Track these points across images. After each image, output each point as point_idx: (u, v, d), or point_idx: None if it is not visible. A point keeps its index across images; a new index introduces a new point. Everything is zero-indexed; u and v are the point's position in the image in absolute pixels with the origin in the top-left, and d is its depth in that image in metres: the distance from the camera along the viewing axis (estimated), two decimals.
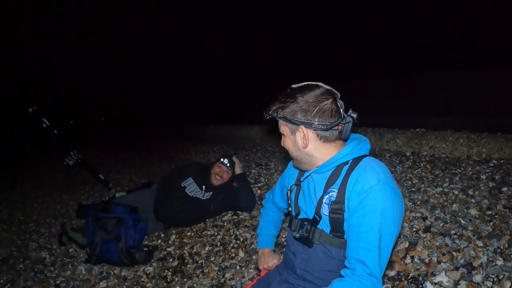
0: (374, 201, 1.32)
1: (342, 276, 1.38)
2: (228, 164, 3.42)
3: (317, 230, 1.51)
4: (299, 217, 1.62)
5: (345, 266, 1.39)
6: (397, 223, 1.36)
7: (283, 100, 1.47)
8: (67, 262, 3.35)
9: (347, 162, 1.47)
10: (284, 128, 1.50)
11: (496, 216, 2.38)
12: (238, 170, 3.45)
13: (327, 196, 1.48)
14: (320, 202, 1.50)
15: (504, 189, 2.72)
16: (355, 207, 1.36)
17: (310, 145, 1.48)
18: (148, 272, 2.89)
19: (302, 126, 1.44)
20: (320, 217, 1.50)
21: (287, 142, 1.53)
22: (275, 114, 1.48)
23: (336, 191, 1.44)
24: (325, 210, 1.48)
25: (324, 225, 1.50)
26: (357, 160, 1.46)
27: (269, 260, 1.93)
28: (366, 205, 1.33)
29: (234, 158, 3.53)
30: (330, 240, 1.48)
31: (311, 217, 1.55)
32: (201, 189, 3.39)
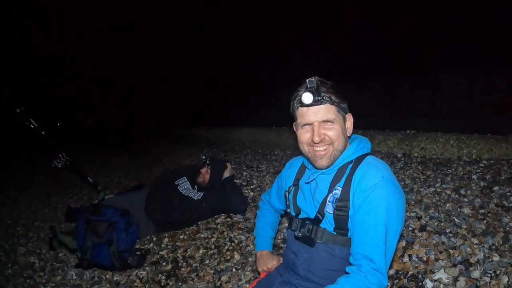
0: (379, 197, 1.34)
1: (347, 273, 1.38)
2: (207, 162, 3.45)
3: (319, 229, 1.51)
4: (300, 216, 1.62)
5: (350, 263, 1.39)
6: (401, 218, 1.37)
7: (329, 86, 1.45)
8: (57, 267, 3.28)
9: (351, 161, 1.48)
10: (337, 114, 1.46)
11: (489, 215, 2.41)
12: (226, 174, 3.44)
13: (331, 195, 1.48)
14: (324, 200, 1.49)
15: (496, 188, 2.77)
16: (360, 203, 1.37)
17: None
18: (141, 277, 2.84)
19: (350, 114, 1.52)
20: (323, 216, 1.50)
21: (336, 129, 1.45)
22: (329, 98, 1.42)
23: (340, 189, 1.45)
24: (329, 208, 1.48)
25: (327, 224, 1.50)
26: (360, 159, 1.48)
27: (268, 262, 1.92)
28: (371, 201, 1.35)
29: (227, 164, 3.53)
30: (333, 238, 1.48)
31: (312, 216, 1.54)
32: (194, 188, 3.37)
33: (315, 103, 1.40)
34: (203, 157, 3.56)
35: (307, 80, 1.43)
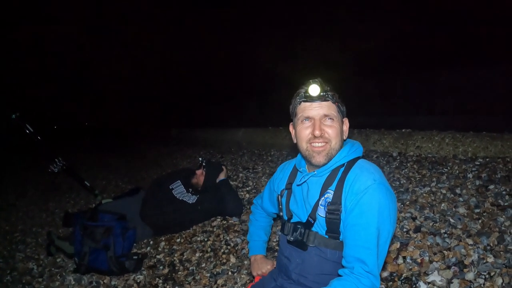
0: (371, 200, 1.35)
1: (340, 276, 1.38)
2: (203, 164, 3.48)
3: (311, 233, 1.51)
4: (292, 221, 1.62)
5: (343, 266, 1.40)
6: (393, 221, 1.38)
7: (331, 88, 1.48)
8: (55, 273, 3.28)
9: (343, 164, 1.49)
10: (337, 114, 1.50)
11: (484, 214, 2.41)
12: (221, 176, 3.44)
13: (323, 198, 1.48)
14: (316, 204, 1.50)
15: (491, 187, 2.77)
16: (352, 206, 1.38)
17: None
18: (138, 281, 2.84)
19: (347, 119, 1.56)
20: (315, 220, 1.50)
21: (336, 128, 1.47)
22: (331, 97, 1.47)
23: (332, 192, 1.46)
24: (321, 212, 1.48)
25: (319, 227, 1.50)
26: (351, 162, 1.49)
27: (263, 266, 1.92)
28: (363, 204, 1.35)
29: (223, 167, 3.54)
30: (325, 242, 1.49)
31: (304, 220, 1.55)
32: (188, 191, 3.37)
33: (319, 98, 1.44)
34: (200, 159, 3.59)
35: (310, 80, 1.46)
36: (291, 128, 1.61)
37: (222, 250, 2.87)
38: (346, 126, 1.56)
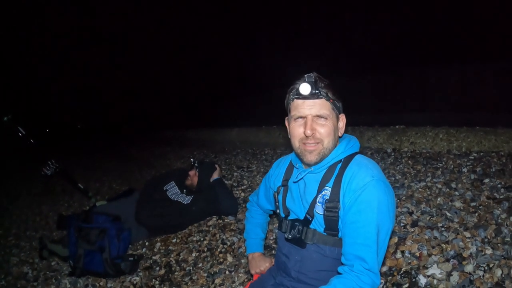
0: (370, 197, 1.33)
1: (339, 273, 1.37)
2: (196, 165, 3.48)
3: (309, 230, 1.49)
4: (289, 218, 1.60)
5: (342, 263, 1.38)
6: (392, 217, 1.37)
7: (327, 83, 1.44)
8: (50, 276, 3.23)
9: (340, 160, 1.47)
10: (331, 111, 1.45)
11: (480, 207, 2.42)
12: (215, 176, 3.42)
13: (320, 195, 1.46)
14: (314, 201, 1.48)
15: (486, 180, 2.78)
16: (351, 204, 1.36)
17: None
18: (135, 283, 2.81)
19: (343, 114, 1.52)
20: (312, 217, 1.48)
21: (328, 127, 1.43)
22: (325, 94, 1.41)
23: (330, 189, 1.44)
24: (318, 209, 1.46)
25: (317, 224, 1.48)
26: (349, 158, 1.47)
27: (261, 264, 1.90)
28: (362, 201, 1.34)
29: (216, 166, 3.52)
30: (324, 239, 1.47)
31: (302, 218, 1.53)
32: (183, 192, 3.35)
33: (311, 96, 1.40)
34: (192, 160, 3.59)
35: (305, 75, 1.41)
36: (286, 123, 1.59)
37: (218, 250, 2.85)
38: (342, 122, 1.53)
